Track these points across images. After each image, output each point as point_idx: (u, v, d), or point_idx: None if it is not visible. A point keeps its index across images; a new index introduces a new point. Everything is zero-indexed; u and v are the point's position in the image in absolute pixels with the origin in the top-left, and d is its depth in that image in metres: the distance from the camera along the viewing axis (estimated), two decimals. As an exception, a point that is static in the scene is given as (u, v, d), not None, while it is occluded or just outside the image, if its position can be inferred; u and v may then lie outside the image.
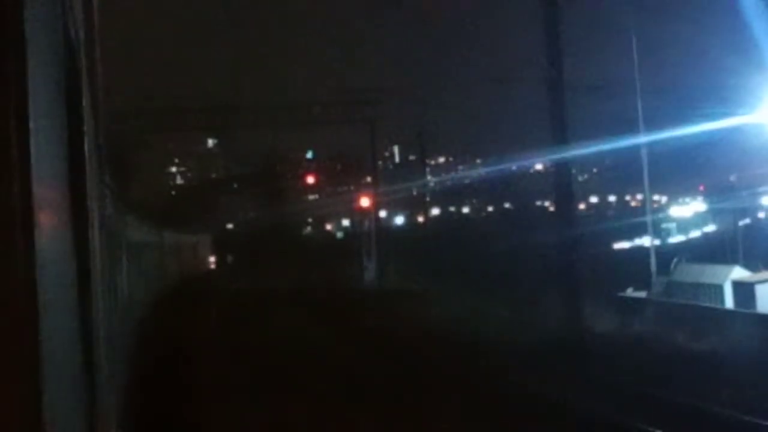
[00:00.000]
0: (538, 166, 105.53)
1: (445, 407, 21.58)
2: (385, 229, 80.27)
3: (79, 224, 3.98)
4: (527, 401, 21.91)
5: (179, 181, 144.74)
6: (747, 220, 49.06)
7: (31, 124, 2.07)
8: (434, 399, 22.65)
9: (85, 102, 4.72)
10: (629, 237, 66.82)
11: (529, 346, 30.05)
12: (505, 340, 31.66)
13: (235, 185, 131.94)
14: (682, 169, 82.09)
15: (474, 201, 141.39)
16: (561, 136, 32.65)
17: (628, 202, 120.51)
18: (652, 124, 43.71)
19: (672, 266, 40.35)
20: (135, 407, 17.12)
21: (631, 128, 43.24)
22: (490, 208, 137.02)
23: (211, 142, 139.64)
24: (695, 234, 60.84)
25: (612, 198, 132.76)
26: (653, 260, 40.20)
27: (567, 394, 21.92)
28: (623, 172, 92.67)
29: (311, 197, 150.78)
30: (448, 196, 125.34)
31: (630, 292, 40.23)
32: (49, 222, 2.67)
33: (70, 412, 3.32)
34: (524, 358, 27.90)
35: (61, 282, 3.10)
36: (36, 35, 2.29)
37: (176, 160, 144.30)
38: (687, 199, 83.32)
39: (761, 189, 48.76)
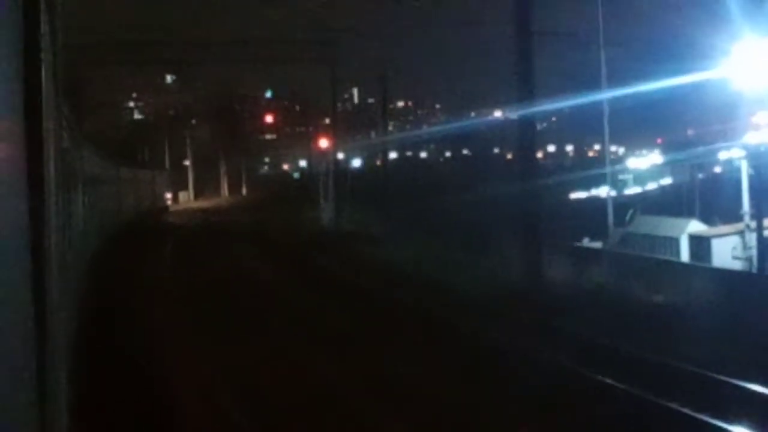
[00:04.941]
0: (498, 114, 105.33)
1: (394, 350, 21.41)
2: (342, 171, 79.92)
3: (34, 156, 3.77)
4: (479, 347, 21.78)
5: (137, 116, 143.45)
6: (702, 175, 49.11)
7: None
8: (381, 341, 22.52)
9: (43, 32, 4.49)
10: (586, 187, 66.78)
11: (484, 293, 29.91)
12: (459, 287, 31.50)
13: (194, 122, 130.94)
14: (640, 122, 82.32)
15: (432, 146, 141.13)
16: (526, 85, 32.31)
17: (585, 152, 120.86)
18: (615, 76, 43.53)
19: (627, 218, 40.37)
20: (86, 339, 16.93)
21: (594, 79, 43.05)
22: (448, 154, 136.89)
23: (170, 78, 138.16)
24: (652, 186, 60.87)
25: (569, 148, 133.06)
26: (610, 211, 40.14)
27: (520, 342, 21.78)
28: (582, 122, 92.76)
29: (269, 137, 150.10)
30: (406, 140, 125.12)
31: (586, 242, 40.21)
32: (3, 152, 2.52)
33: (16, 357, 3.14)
34: (479, 305, 27.76)
35: (14, 212, 2.96)
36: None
37: (134, 95, 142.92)
38: (644, 152, 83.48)
39: (718, 144, 48.70)
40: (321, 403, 16.70)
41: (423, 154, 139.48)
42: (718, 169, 51.46)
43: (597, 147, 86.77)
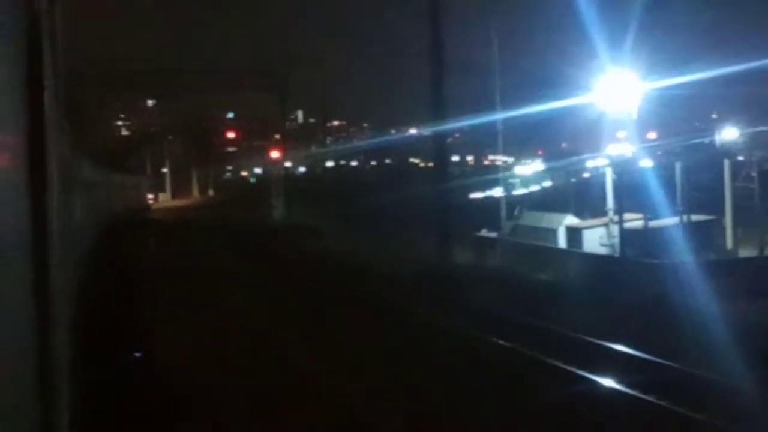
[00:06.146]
0: (413, 130, 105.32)
1: (330, 319, 21.32)
2: (290, 176, 79.76)
3: (38, 164, 3.60)
4: (400, 316, 21.72)
5: (124, 132, 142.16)
6: (574, 179, 49.49)
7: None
8: (320, 310, 22.45)
9: (45, 62, 4.33)
10: (482, 189, 66.88)
11: (404, 274, 29.92)
12: (384, 270, 31.46)
13: (170, 137, 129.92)
14: (526, 137, 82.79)
15: (361, 156, 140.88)
16: (438, 106, 32.21)
17: (482, 162, 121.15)
18: (507, 100, 43.91)
19: (516, 213, 40.54)
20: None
21: (490, 102, 43.43)
22: (374, 162, 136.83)
23: (151, 102, 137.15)
24: (535, 188, 61.21)
25: (469, 158, 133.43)
26: (503, 208, 40.39)
27: (433, 313, 21.77)
28: (480, 137, 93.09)
29: (231, 149, 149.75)
30: (341, 151, 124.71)
31: (484, 232, 40.38)
32: (9, 162, 2.38)
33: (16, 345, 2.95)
34: (400, 283, 27.74)
35: (19, 211, 2.81)
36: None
37: (122, 116, 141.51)
38: (529, 161, 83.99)
39: (587, 155, 49.27)
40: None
41: (354, 163, 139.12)
42: (587, 175, 51.85)
43: (491, 157, 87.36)
